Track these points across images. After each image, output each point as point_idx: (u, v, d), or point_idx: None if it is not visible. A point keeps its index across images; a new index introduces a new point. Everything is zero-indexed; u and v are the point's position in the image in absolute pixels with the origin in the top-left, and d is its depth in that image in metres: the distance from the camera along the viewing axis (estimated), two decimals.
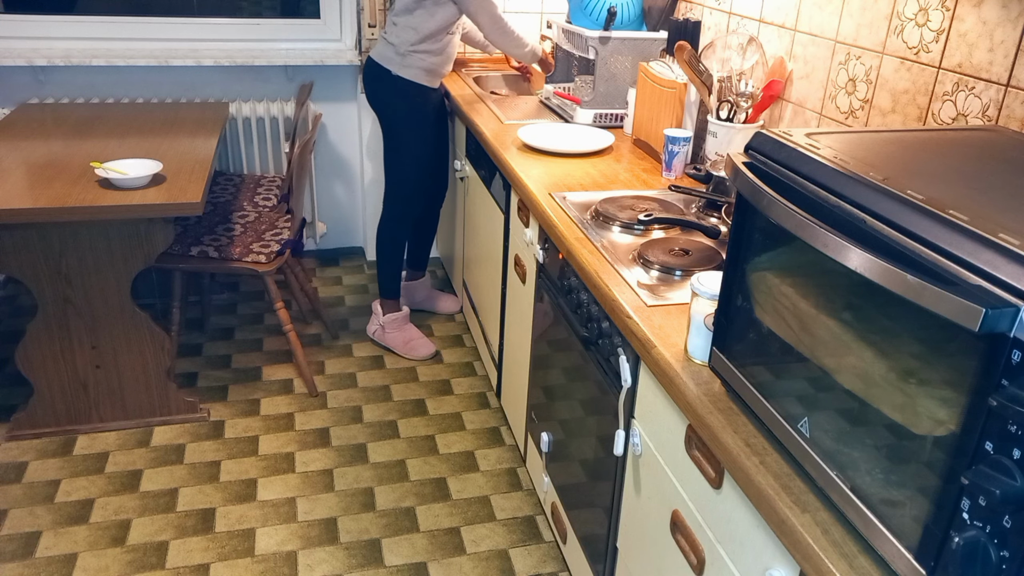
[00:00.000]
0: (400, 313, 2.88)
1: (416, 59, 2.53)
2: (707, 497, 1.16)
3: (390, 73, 2.55)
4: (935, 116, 1.54)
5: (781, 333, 0.99)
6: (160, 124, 2.72)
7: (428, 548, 2.04)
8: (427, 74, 2.58)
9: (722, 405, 1.11)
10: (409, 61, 2.53)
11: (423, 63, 2.54)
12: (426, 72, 2.57)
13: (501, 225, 2.29)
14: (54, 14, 3.01)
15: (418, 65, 2.55)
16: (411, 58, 2.53)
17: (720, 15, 2.33)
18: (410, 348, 2.87)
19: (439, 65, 2.59)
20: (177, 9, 3.15)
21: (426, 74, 2.57)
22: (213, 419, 2.49)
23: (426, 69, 2.56)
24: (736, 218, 1.07)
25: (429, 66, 2.56)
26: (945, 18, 1.50)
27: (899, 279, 0.74)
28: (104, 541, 2.01)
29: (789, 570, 0.96)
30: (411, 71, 2.55)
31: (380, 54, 2.58)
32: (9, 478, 2.20)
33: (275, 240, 2.57)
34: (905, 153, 0.97)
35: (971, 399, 0.71)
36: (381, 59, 2.57)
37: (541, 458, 2.04)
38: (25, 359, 2.27)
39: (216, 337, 2.94)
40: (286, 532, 2.07)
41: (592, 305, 1.58)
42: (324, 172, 3.46)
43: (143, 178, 2.15)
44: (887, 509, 0.82)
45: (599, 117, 2.46)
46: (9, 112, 2.88)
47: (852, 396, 0.86)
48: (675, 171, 2.04)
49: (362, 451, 2.39)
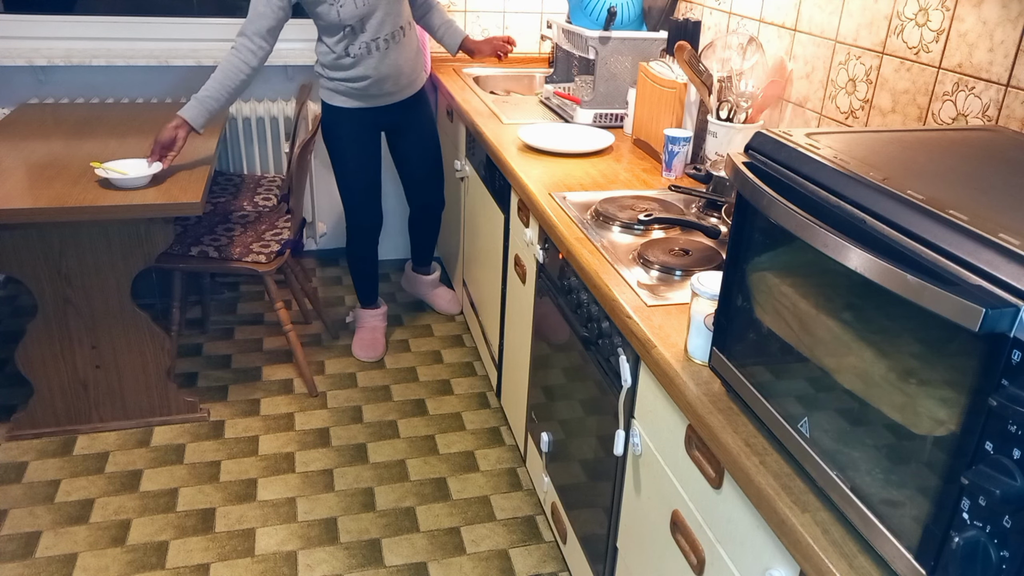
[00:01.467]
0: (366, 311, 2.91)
1: (324, 80, 2.51)
2: (707, 497, 1.16)
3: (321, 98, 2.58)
4: (935, 116, 1.54)
5: (781, 333, 0.99)
6: (160, 124, 2.72)
7: (428, 548, 2.04)
8: (341, 96, 2.51)
9: (722, 405, 1.11)
10: (322, 82, 2.52)
11: (330, 84, 2.49)
12: (338, 94, 2.50)
13: (501, 225, 2.29)
14: (54, 14, 3.01)
15: (327, 86, 2.51)
16: (322, 79, 2.51)
17: (720, 15, 2.33)
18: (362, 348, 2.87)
19: (356, 87, 2.47)
20: (177, 9, 3.15)
21: (340, 96, 2.51)
22: (213, 419, 2.49)
23: (336, 91, 2.50)
24: (736, 218, 1.07)
25: (337, 87, 2.49)
26: (945, 18, 1.50)
27: (899, 279, 0.74)
28: (104, 541, 2.01)
29: (789, 570, 0.96)
30: (324, 92, 2.53)
31: None
32: (9, 478, 2.20)
33: (275, 240, 2.57)
34: (905, 153, 0.97)
35: (971, 399, 0.71)
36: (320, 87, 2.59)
37: (541, 458, 2.04)
38: (25, 359, 2.27)
39: (216, 337, 2.94)
40: (286, 532, 2.07)
41: (592, 305, 1.58)
42: (324, 172, 3.46)
43: (143, 178, 2.15)
44: (887, 509, 0.82)
45: (599, 117, 2.46)
46: (9, 112, 2.88)
47: (852, 396, 0.86)
48: (675, 171, 2.04)
49: (362, 451, 2.39)
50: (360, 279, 2.85)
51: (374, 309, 2.92)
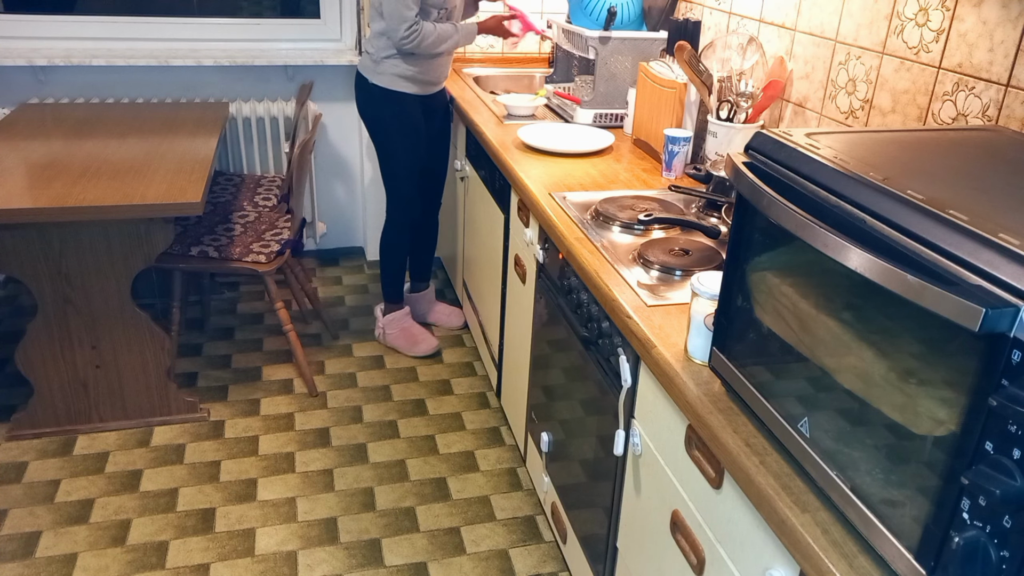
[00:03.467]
0: (398, 312, 2.87)
1: (389, 65, 2.49)
2: (707, 497, 1.16)
3: (367, 81, 2.53)
4: (935, 116, 1.54)
5: (781, 333, 0.99)
6: (160, 124, 2.72)
7: (428, 548, 2.04)
8: (406, 81, 2.52)
9: (722, 405, 1.11)
10: (383, 68, 2.50)
11: (397, 69, 2.49)
12: (404, 79, 2.51)
13: (501, 225, 2.29)
14: (54, 14, 3.01)
15: (392, 71, 2.50)
16: (384, 64, 2.49)
17: (720, 15, 2.33)
18: (412, 345, 2.87)
19: (420, 73, 2.52)
20: (177, 9, 3.15)
21: (405, 81, 2.52)
22: (213, 419, 2.49)
23: (403, 76, 2.51)
24: (736, 218, 1.07)
25: (404, 72, 2.50)
26: (945, 18, 1.50)
27: (899, 279, 0.74)
28: (104, 541, 2.01)
29: (789, 570, 0.96)
30: (386, 78, 2.51)
31: (361, 63, 2.58)
32: (9, 478, 2.20)
33: (275, 240, 2.57)
34: (905, 153, 0.97)
35: (971, 399, 0.71)
36: (362, 68, 2.57)
37: (541, 458, 2.04)
38: (25, 359, 2.27)
39: (216, 337, 2.94)
40: (286, 532, 2.07)
41: (592, 305, 1.58)
42: (324, 172, 3.46)
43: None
44: (887, 509, 0.82)
45: (599, 117, 2.46)
46: (9, 112, 2.88)
47: (852, 396, 0.86)
48: (675, 171, 2.04)
49: (362, 451, 2.39)
50: (396, 273, 2.82)
51: (396, 311, 2.89)
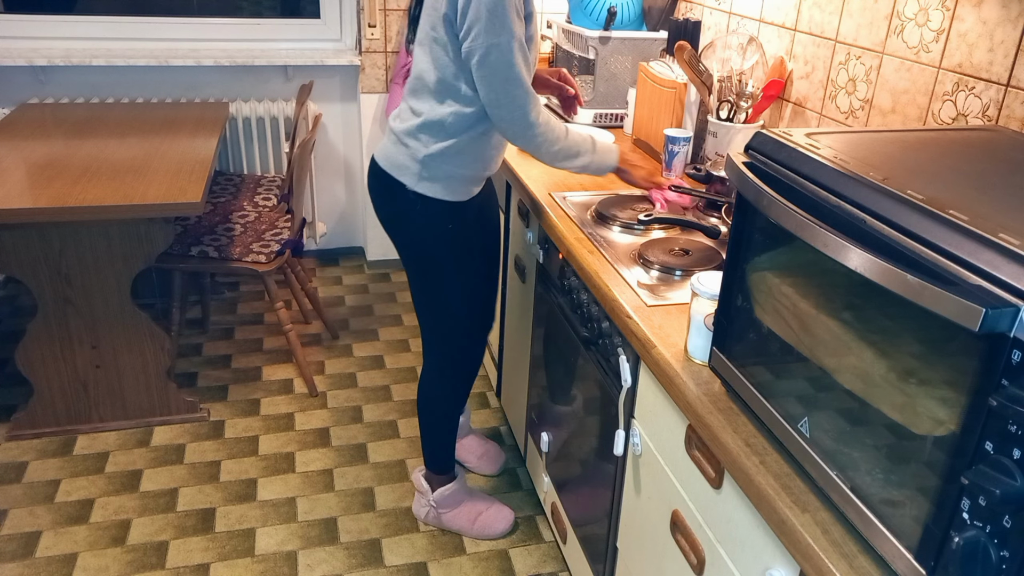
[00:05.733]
0: (453, 485, 2.06)
1: (442, 162, 1.65)
2: (707, 497, 1.16)
3: (403, 188, 1.69)
4: (935, 116, 1.54)
5: (781, 333, 0.99)
6: (160, 124, 2.72)
7: (428, 548, 2.04)
8: (465, 184, 1.71)
9: (722, 405, 1.11)
10: (433, 169, 1.66)
11: (452, 166, 1.67)
12: (462, 181, 1.70)
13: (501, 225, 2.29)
14: (54, 14, 3.01)
15: (446, 173, 1.67)
16: (434, 163, 1.65)
17: (720, 15, 2.33)
18: (483, 526, 2.07)
19: (484, 165, 1.72)
20: (177, 9, 3.15)
21: (463, 184, 1.71)
22: (213, 419, 2.49)
23: (461, 177, 1.70)
24: (736, 218, 1.07)
25: (465, 171, 1.69)
26: (945, 18, 1.50)
27: (899, 279, 0.74)
28: (104, 541, 2.01)
29: (789, 570, 0.96)
30: (439, 185, 1.68)
31: (388, 156, 1.71)
32: (9, 478, 2.20)
33: (275, 240, 2.57)
34: (905, 153, 0.97)
35: (971, 399, 0.71)
36: (388, 164, 1.71)
37: (541, 458, 2.04)
38: (25, 359, 2.27)
39: (216, 337, 2.94)
40: (286, 532, 2.07)
41: (592, 305, 1.58)
42: (324, 172, 3.46)
43: None
44: (887, 509, 0.82)
45: (599, 117, 2.46)
46: (9, 112, 2.88)
47: (852, 396, 0.86)
48: (675, 171, 2.04)
49: (362, 451, 2.39)
50: (446, 438, 2.03)
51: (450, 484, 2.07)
